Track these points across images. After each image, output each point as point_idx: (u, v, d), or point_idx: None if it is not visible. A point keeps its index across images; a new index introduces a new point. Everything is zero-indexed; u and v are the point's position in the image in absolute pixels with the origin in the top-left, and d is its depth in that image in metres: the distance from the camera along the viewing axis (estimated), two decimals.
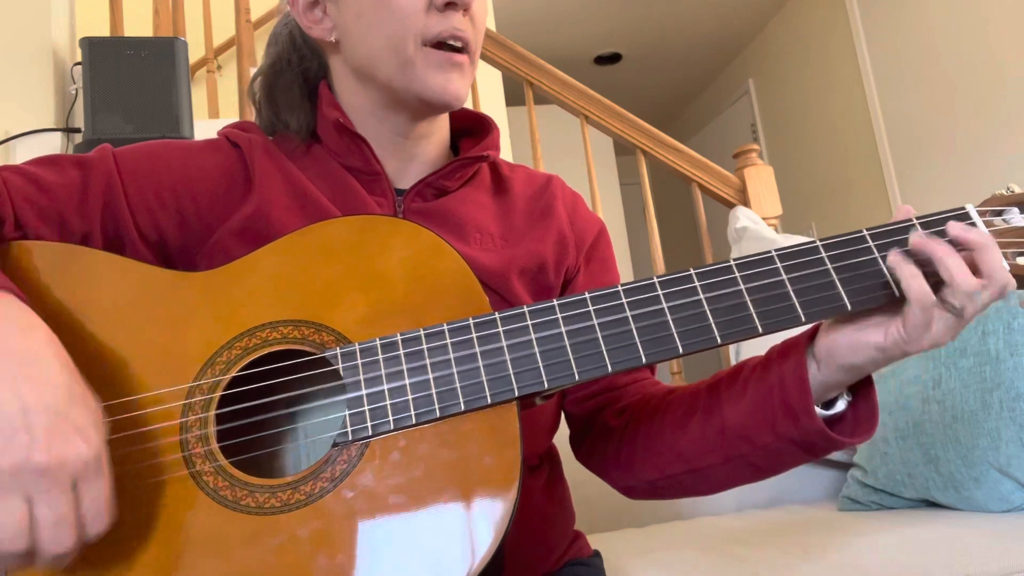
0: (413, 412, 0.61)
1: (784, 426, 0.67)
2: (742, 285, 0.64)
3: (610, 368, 0.63)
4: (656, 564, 1.10)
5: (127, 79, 2.06)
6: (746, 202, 2.41)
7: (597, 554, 0.92)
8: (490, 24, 3.41)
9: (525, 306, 0.65)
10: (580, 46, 4.91)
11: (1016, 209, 0.66)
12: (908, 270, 0.62)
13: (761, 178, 2.44)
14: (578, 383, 0.63)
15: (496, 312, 0.64)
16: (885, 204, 3.82)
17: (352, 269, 0.66)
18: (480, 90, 2.75)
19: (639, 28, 4.74)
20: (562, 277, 0.86)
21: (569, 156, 3.94)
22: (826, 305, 0.64)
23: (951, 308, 0.61)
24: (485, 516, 0.57)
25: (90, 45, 2.04)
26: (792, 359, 0.68)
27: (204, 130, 2.20)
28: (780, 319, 0.63)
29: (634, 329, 0.64)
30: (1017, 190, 0.67)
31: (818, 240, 0.66)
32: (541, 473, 0.84)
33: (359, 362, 0.63)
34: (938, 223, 0.65)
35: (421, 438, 0.60)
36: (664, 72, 5.40)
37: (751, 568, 1.05)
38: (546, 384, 0.62)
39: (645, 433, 0.78)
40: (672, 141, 2.52)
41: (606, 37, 4.83)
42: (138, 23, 2.73)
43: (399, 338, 0.63)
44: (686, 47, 5.05)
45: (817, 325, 0.68)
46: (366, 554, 0.57)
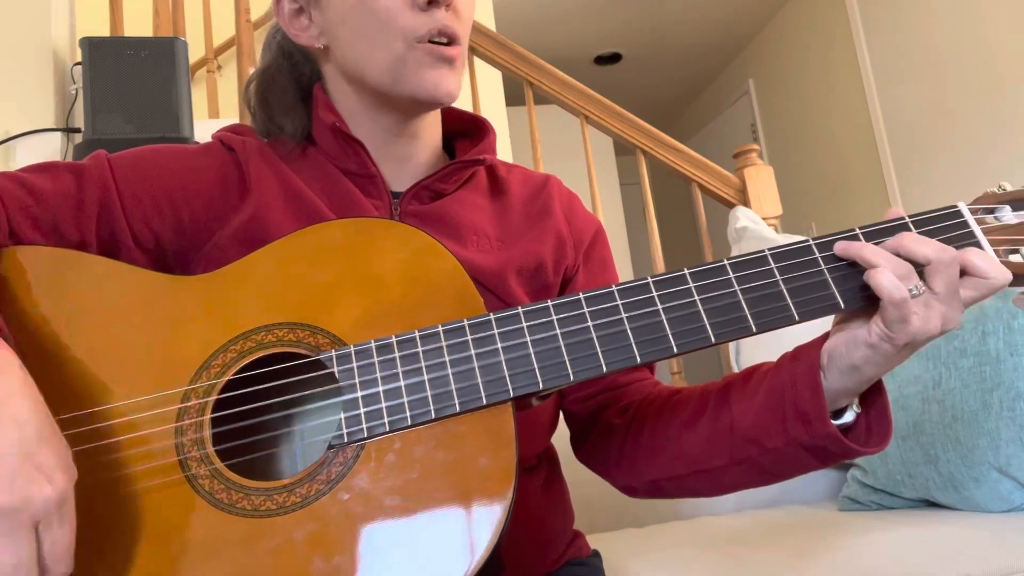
0: (408, 414, 0.61)
1: (795, 430, 0.66)
2: (736, 285, 0.64)
3: (605, 368, 0.63)
4: (656, 564, 1.10)
5: (127, 79, 2.06)
6: (746, 202, 2.41)
7: (596, 554, 0.91)
8: (490, 24, 3.41)
9: (520, 307, 0.65)
10: (580, 46, 4.91)
11: (1008, 207, 0.66)
12: (878, 262, 0.61)
13: (761, 178, 2.44)
14: (573, 383, 0.63)
15: (491, 313, 0.64)
16: (885, 204, 3.81)
17: (347, 271, 0.66)
18: (480, 90, 2.74)
19: (639, 28, 4.74)
20: (561, 277, 0.86)
21: (569, 156, 3.93)
22: (820, 304, 0.64)
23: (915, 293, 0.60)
24: (481, 517, 0.57)
25: (90, 45, 2.05)
26: (804, 362, 0.67)
27: (204, 130, 2.20)
28: (774, 318, 0.63)
29: (628, 329, 0.63)
30: (1009, 188, 0.67)
31: (811, 239, 0.66)
32: (539, 473, 0.84)
33: (354, 364, 0.63)
34: (930, 221, 0.65)
35: (417, 440, 0.60)
36: (664, 72, 5.40)
37: (751, 568, 1.05)
38: (541, 385, 0.62)
39: (651, 433, 0.78)
40: (672, 141, 2.51)
41: (606, 37, 4.83)
42: (138, 23, 2.72)
43: (394, 340, 0.63)
44: (686, 47, 5.05)
45: (828, 332, 0.68)
46: (362, 556, 0.57)
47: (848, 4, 4.00)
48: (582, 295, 0.65)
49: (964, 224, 0.65)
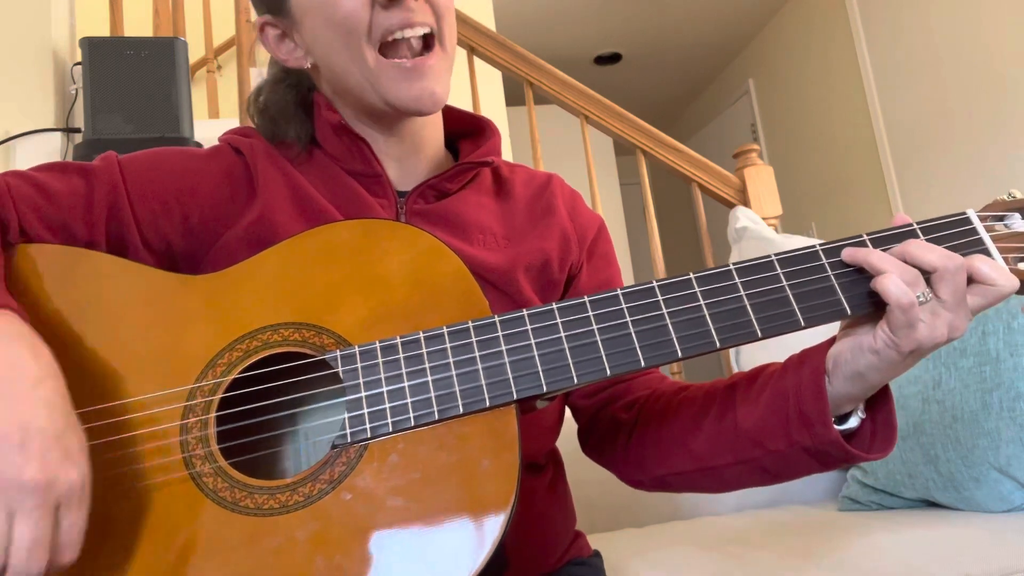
0: (412, 414, 0.61)
1: (798, 434, 0.67)
2: (742, 290, 0.64)
3: (608, 372, 0.63)
4: (656, 564, 1.10)
5: (127, 79, 2.06)
6: (746, 202, 2.41)
7: (597, 554, 0.92)
8: (490, 24, 3.41)
9: (524, 310, 0.65)
10: (580, 46, 4.91)
11: (1018, 214, 0.66)
12: (885, 267, 0.61)
13: (761, 178, 2.44)
14: (577, 386, 0.63)
15: (495, 315, 0.64)
16: (885, 204, 3.82)
17: (353, 272, 0.67)
18: (480, 90, 2.74)
19: (639, 28, 4.74)
20: (566, 273, 0.86)
21: (569, 156, 3.93)
22: (826, 310, 0.64)
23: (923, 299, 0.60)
24: (483, 519, 0.57)
25: (90, 45, 2.05)
26: (809, 367, 0.67)
27: (204, 130, 2.20)
28: (779, 323, 0.63)
29: (633, 333, 0.64)
30: (1018, 195, 0.67)
31: (818, 244, 0.66)
32: (545, 473, 0.85)
33: (358, 365, 0.63)
34: (939, 228, 0.65)
35: (420, 440, 0.60)
36: (664, 72, 5.40)
37: (751, 568, 1.05)
38: (545, 387, 0.62)
39: (656, 429, 0.78)
40: (672, 141, 2.51)
41: (606, 37, 4.83)
42: (138, 23, 2.72)
43: (398, 341, 0.64)
44: (686, 47, 5.05)
45: (834, 337, 0.68)
46: (364, 556, 0.57)
47: (848, 4, 4.00)
48: (587, 299, 0.65)
49: (973, 231, 0.65)
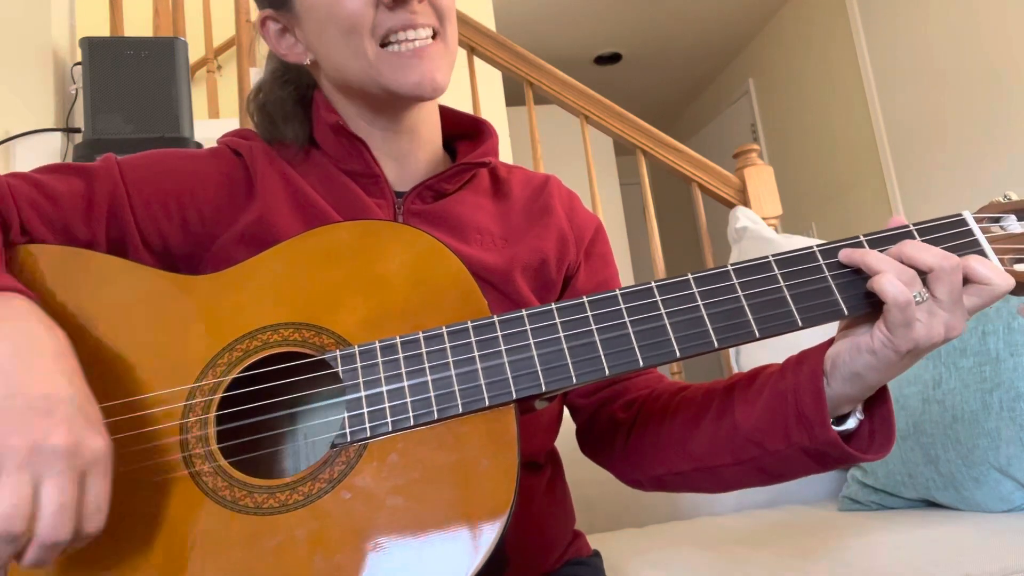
0: (411, 414, 0.61)
1: (797, 435, 0.67)
2: (740, 290, 0.65)
3: (607, 372, 0.63)
4: (656, 564, 1.10)
5: (127, 79, 2.06)
6: (746, 202, 2.41)
7: (597, 554, 0.92)
8: (490, 24, 3.41)
9: (523, 310, 0.65)
10: (580, 46, 4.91)
11: (1014, 216, 0.66)
12: (881, 266, 0.62)
13: (761, 178, 2.44)
14: (576, 386, 0.64)
15: (494, 316, 0.64)
16: (885, 204, 3.82)
17: (352, 273, 0.67)
18: (480, 90, 2.74)
19: (639, 28, 4.74)
20: (563, 274, 0.86)
21: (569, 156, 3.93)
22: (823, 310, 0.64)
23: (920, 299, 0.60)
24: (483, 519, 0.57)
25: (90, 45, 2.05)
26: (807, 368, 0.67)
27: (204, 130, 2.20)
28: (777, 324, 0.64)
29: (632, 333, 0.64)
30: (1015, 197, 0.67)
31: (815, 245, 0.66)
32: (544, 473, 0.85)
33: (358, 365, 0.63)
34: (935, 230, 0.65)
35: (419, 440, 0.61)
36: (664, 72, 5.40)
37: (751, 568, 1.05)
38: (544, 387, 0.62)
39: (655, 429, 0.78)
40: (672, 141, 2.51)
41: (606, 37, 4.83)
42: (138, 23, 2.73)
43: (398, 341, 0.64)
44: (686, 47, 5.05)
45: (832, 338, 0.68)
46: (363, 555, 0.57)
47: (848, 4, 4.00)
48: (586, 299, 0.65)
49: (969, 233, 0.65)
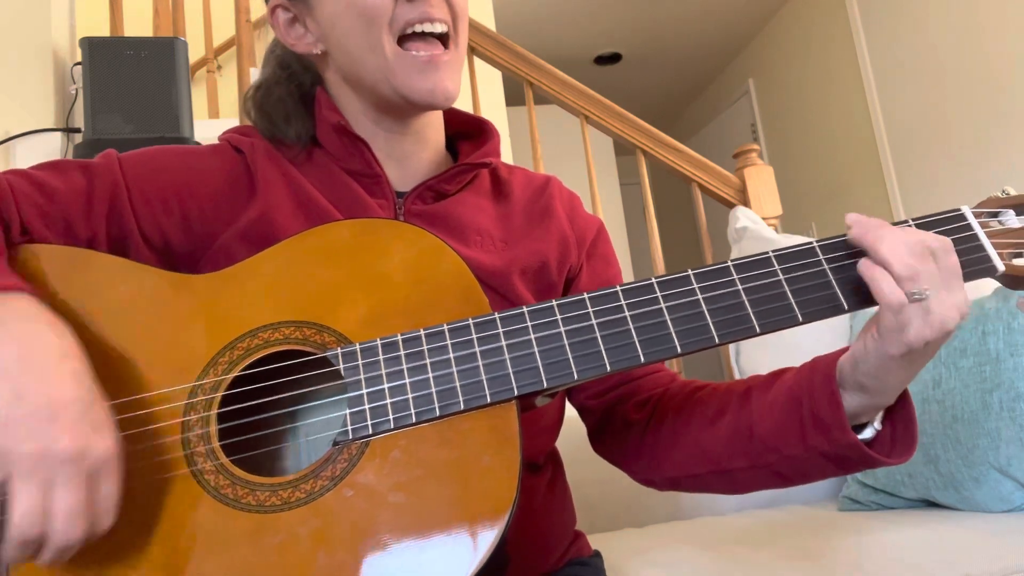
0: (413, 411, 0.61)
1: (815, 439, 0.66)
2: (740, 286, 0.65)
3: (609, 368, 0.63)
4: (656, 564, 1.10)
5: (127, 79, 2.06)
6: (746, 202, 2.41)
7: (597, 554, 0.92)
8: (490, 24, 3.41)
9: (524, 307, 0.65)
10: (580, 46, 4.91)
11: (1012, 211, 0.67)
12: (875, 272, 0.62)
13: (761, 178, 2.44)
14: (577, 383, 0.64)
15: (496, 312, 0.65)
16: (885, 204, 3.82)
17: (354, 271, 0.67)
18: (480, 90, 2.74)
19: (639, 28, 4.74)
20: (564, 276, 0.86)
21: (569, 156, 3.93)
22: (823, 305, 0.64)
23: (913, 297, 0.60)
24: (485, 515, 0.57)
25: (90, 45, 2.05)
26: (821, 372, 0.67)
27: (204, 130, 2.20)
28: (777, 319, 0.64)
29: (632, 329, 0.64)
30: (1012, 192, 0.68)
31: (815, 241, 0.66)
32: (544, 473, 0.85)
33: (360, 362, 0.63)
34: (933, 224, 0.66)
35: (421, 437, 0.61)
36: (664, 72, 5.40)
37: (751, 568, 1.05)
38: (545, 383, 0.62)
39: (670, 429, 0.78)
40: (672, 141, 2.51)
41: (606, 37, 4.83)
42: (138, 23, 2.73)
43: (400, 338, 0.64)
44: (686, 47, 5.05)
45: (846, 347, 0.68)
46: (365, 552, 0.57)
47: (848, 4, 4.00)
48: (586, 295, 0.65)
49: (968, 227, 0.66)
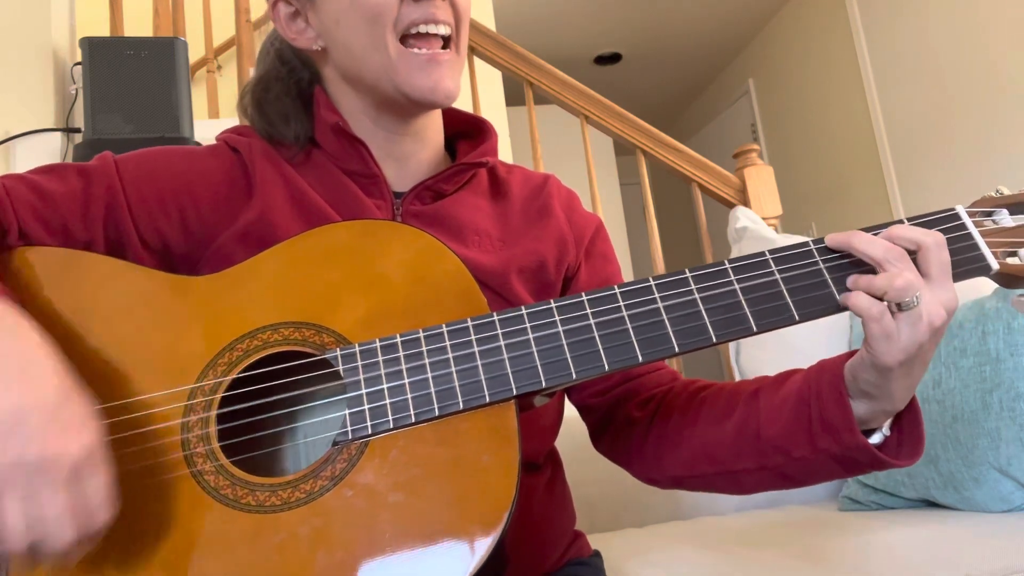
0: (412, 411, 0.61)
1: (823, 441, 0.66)
2: (737, 285, 0.65)
3: (607, 367, 0.63)
4: (656, 564, 1.10)
5: (127, 79, 2.06)
6: (746, 202, 2.41)
7: (597, 554, 0.92)
8: (490, 24, 3.41)
9: (523, 307, 0.65)
10: (580, 46, 4.91)
11: (1005, 211, 0.67)
12: (853, 286, 0.63)
13: (761, 178, 2.44)
14: (576, 382, 0.64)
15: (494, 313, 0.65)
16: (885, 204, 3.82)
17: (352, 272, 0.67)
18: (480, 90, 2.74)
19: (639, 28, 4.74)
20: (562, 275, 0.86)
21: (569, 156, 3.93)
22: (820, 304, 0.64)
23: (895, 306, 0.61)
24: (484, 515, 0.57)
25: (90, 45, 2.05)
26: (828, 375, 0.67)
27: (204, 130, 2.20)
28: (774, 318, 0.64)
29: (630, 329, 0.64)
30: (1006, 192, 0.68)
31: (811, 240, 0.66)
32: (543, 473, 0.85)
33: (359, 363, 0.63)
34: (929, 225, 0.66)
35: (420, 437, 0.61)
36: (664, 72, 5.40)
37: (751, 568, 1.05)
38: (544, 383, 0.62)
39: (675, 429, 0.78)
40: (672, 141, 2.51)
41: (606, 37, 4.83)
42: (138, 23, 2.73)
43: (398, 339, 0.64)
44: (686, 47, 5.05)
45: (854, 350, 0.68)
46: (365, 552, 0.57)
47: (848, 4, 4.00)
48: (585, 296, 0.65)
49: (962, 227, 0.66)
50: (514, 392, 0.62)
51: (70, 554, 0.54)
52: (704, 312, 0.64)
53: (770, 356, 1.66)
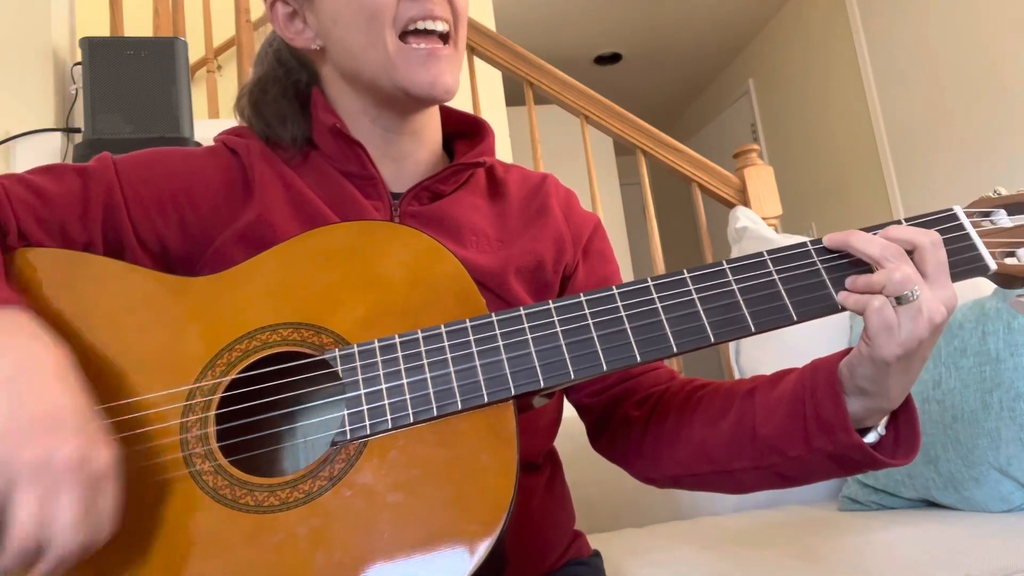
0: (411, 411, 0.61)
1: (818, 440, 0.66)
2: (735, 285, 0.65)
3: (605, 367, 0.63)
4: (656, 564, 1.10)
5: (127, 79, 2.06)
6: (746, 202, 2.41)
7: (597, 554, 0.92)
8: (490, 24, 3.41)
9: (521, 308, 0.65)
10: (580, 46, 4.91)
11: (1003, 211, 0.67)
12: (852, 286, 0.63)
13: (761, 178, 2.44)
14: (574, 382, 0.64)
15: (493, 313, 0.65)
16: (885, 204, 3.82)
17: (351, 273, 0.67)
18: (480, 90, 2.75)
19: (639, 28, 4.74)
20: (560, 275, 0.86)
21: (569, 156, 3.93)
22: (818, 304, 0.64)
23: (894, 298, 0.61)
24: (483, 514, 0.57)
25: (90, 45, 2.05)
26: (823, 372, 0.67)
27: (204, 130, 2.20)
28: (772, 318, 0.64)
29: (629, 329, 0.64)
30: (1004, 192, 0.68)
31: (809, 241, 0.66)
32: (542, 473, 0.85)
33: (357, 363, 0.63)
34: (926, 225, 0.66)
35: (419, 437, 0.61)
36: (664, 72, 5.40)
37: (751, 568, 1.05)
38: (542, 383, 0.62)
39: (672, 428, 0.78)
40: (672, 141, 2.51)
41: (606, 37, 4.83)
42: (138, 23, 2.73)
43: (397, 340, 0.64)
44: (686, 47, 5.05)
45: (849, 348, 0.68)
46: (363, 552, 0.57)
47: (848, 4, 4.00)
48: (583, 296, 0.65)
49: (960, 227, 0.66)
50: (512, 392, 0.62)
51: (64, 564, 0.53)
52: (702, 312, 0.64)
53: (770, 356, 1.66)
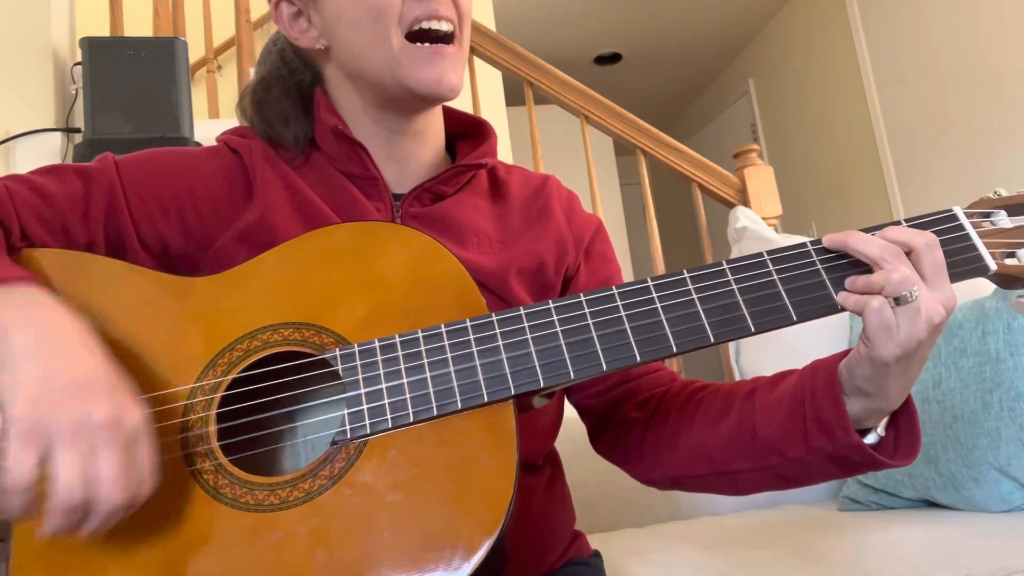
0: (411, 411, 0.61)
1: (818, 440, 0.66)
2: (735, 285, 0.65)
3: (605, 367, 0.63)
4: (656, 564, 1.10)
5: (127, 79, 2.06)
6: (746, 202, 2.41)
7: (597, 554, 0.92)
8: (490, 24, 3.41)
9: (521, 308, 0.65)
10: (580, 46, 4.91)
11: (1003, 212, 0.67)
12: (851, 287, 0.63)
13: (761, 178, 2.44)
14: (574, 382, 0.64)
15: (493, 313, 0.65)
16: (885, 204, 3.82)
17: (352, 273, 0.67)
18: (480, 90, 2.75)
19: (639, 28, 4.74)
20: (562, 276, 0.86)
21: (569, 156, 3.93)
22: (817, 304, 0.64)
23: (895, 299, 0.61)
24: (482, 514, 0.57)
25: (90, 45, 2.05)
26: (823, 374, 0.67)
27: (204, 130, 2.20)
28: (772, 318, 0.64)
29: (628, 329, 0.64)
30: (1004, 193, 0.68)
31: (808, 241, 0.66)
32: (542, 473, 0.85)
33: (358, 363, 0.63)
34: (926, 225, 0.66)
35: (419, 437, 0.61)
36: (664, 72, 5.40)
37: (751, 568, 1.05)
38: (542, 383, 0.62)
39: (673, 429, 0.78)
40: (672, 141, 2.51)
41: (606, 37, 4.83)
42: (138, 23, 2.73)
43: (397, 339, 0.64)
44: (686, 47, 5.05)
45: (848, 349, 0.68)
46: (364, 551, 0.57)
47: (848, 4, 4.00)
48: (583, 296, 0.66)
49: (960, 227, 0.66)
50: (512, 392, 0.62)
51: (111, 519, 0.55)
52: (702, 312, 0.64)
53: (770, 357, 1.66)
